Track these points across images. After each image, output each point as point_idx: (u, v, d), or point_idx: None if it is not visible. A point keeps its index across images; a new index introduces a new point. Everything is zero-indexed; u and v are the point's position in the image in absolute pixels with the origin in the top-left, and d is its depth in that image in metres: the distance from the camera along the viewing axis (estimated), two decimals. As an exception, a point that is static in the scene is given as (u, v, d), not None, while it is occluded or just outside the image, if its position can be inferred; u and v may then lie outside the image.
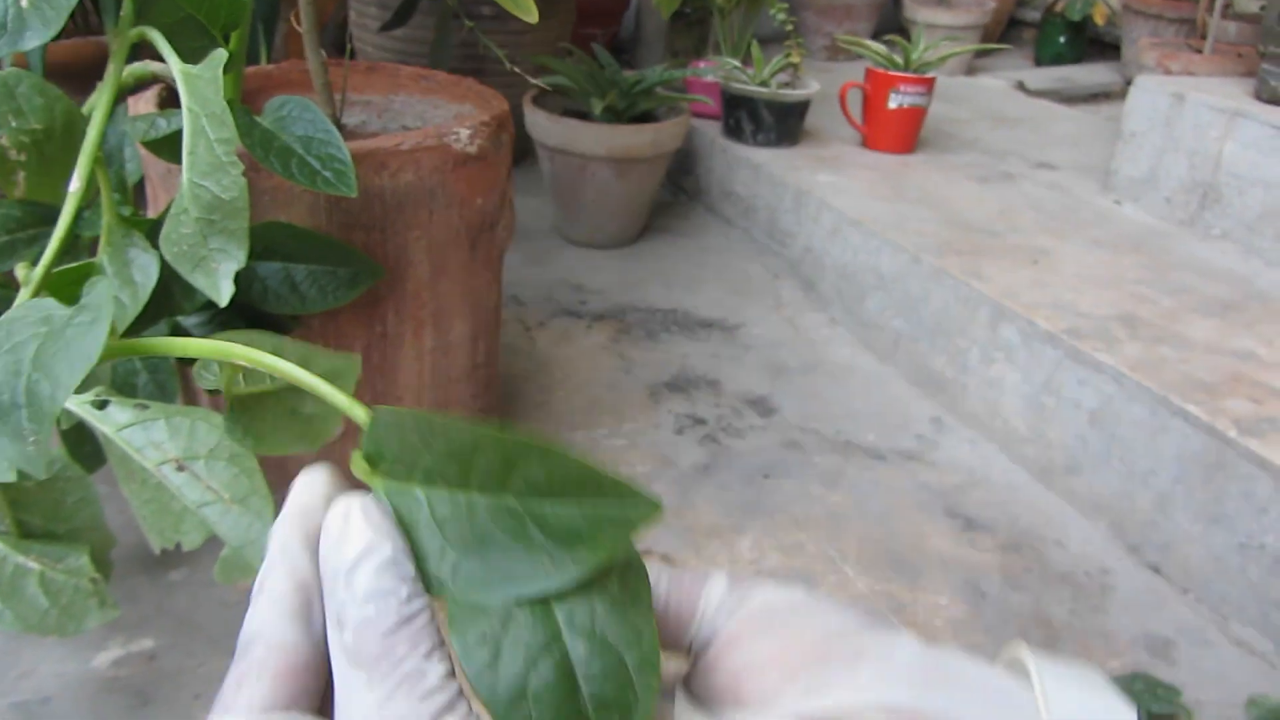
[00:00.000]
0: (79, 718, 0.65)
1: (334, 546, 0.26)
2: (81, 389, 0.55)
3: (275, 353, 0.29)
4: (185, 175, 0.53)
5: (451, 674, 0.24)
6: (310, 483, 0.29)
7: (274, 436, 0.53)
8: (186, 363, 0.70)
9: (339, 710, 0.24)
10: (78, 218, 0.74)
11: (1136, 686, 0.74)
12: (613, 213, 1.48)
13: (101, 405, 0.53)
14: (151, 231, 0.60)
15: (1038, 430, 1.02)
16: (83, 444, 0.70)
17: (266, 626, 0.26)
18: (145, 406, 0.53)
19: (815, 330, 1.31)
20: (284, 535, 0.28)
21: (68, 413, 0.56)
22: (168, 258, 0.55)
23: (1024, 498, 0.99)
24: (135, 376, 0.73)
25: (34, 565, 0.57)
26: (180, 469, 0.52)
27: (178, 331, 0.70)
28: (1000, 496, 0.99)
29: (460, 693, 0.24)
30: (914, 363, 1.19)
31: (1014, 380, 1.04)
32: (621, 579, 0.25)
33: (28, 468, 0.40)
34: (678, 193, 1.76)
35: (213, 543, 0.53)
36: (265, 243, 0.68)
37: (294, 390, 0.52)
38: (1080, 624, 0.83)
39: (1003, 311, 1.06)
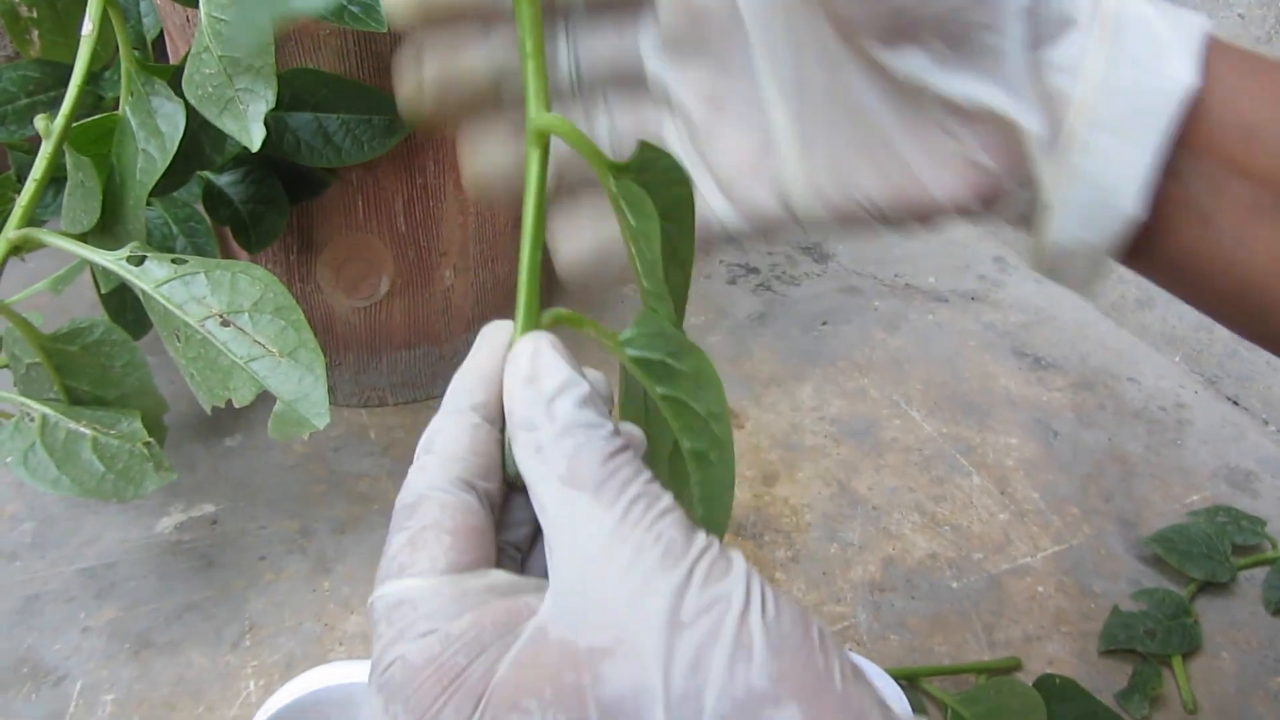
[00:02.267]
0: (146, 579, 0.65)
1: (526, 380, 0.26)
2: (114, 246, 0.53)
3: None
4: (203, 10, 0.50)
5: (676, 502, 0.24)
6: (490, 343, 0.29)
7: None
8: (222, 221, 0.68)
9: (555, 533, 0.24)
10: (98, 77, 0.71)
11: (1219, 519, 0.72)
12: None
13: (138, 261, 0.51)
14: (174, 79, 0.56)
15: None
16: (125, 310, 0.69)
17: (437, 489, 0.26)
18: (183, 261, 0.51)
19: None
20: (459, 393, 0.28)
21: (106, 273, 0.54)
22: (192, 101, 0.52)
23: (1094, 335, 0.95)
24: (172, 241, 0.71)
25: (86, 431, 0.56)
26: (225, 324, 0.50)
27: (211, 189, 0.67)
28: (1069, 335, 0.95)
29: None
30: (973, 202, 1.14)
31: (1082, 213, 0.99)
32: None
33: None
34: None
35: (265, 406, 0.52)
36: (294, 91, 0.65)
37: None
38: (1157, 459, 0.80)
39: (1070, 140, 1.00)
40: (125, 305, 0.70)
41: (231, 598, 0.64)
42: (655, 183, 0.28)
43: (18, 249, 0.55)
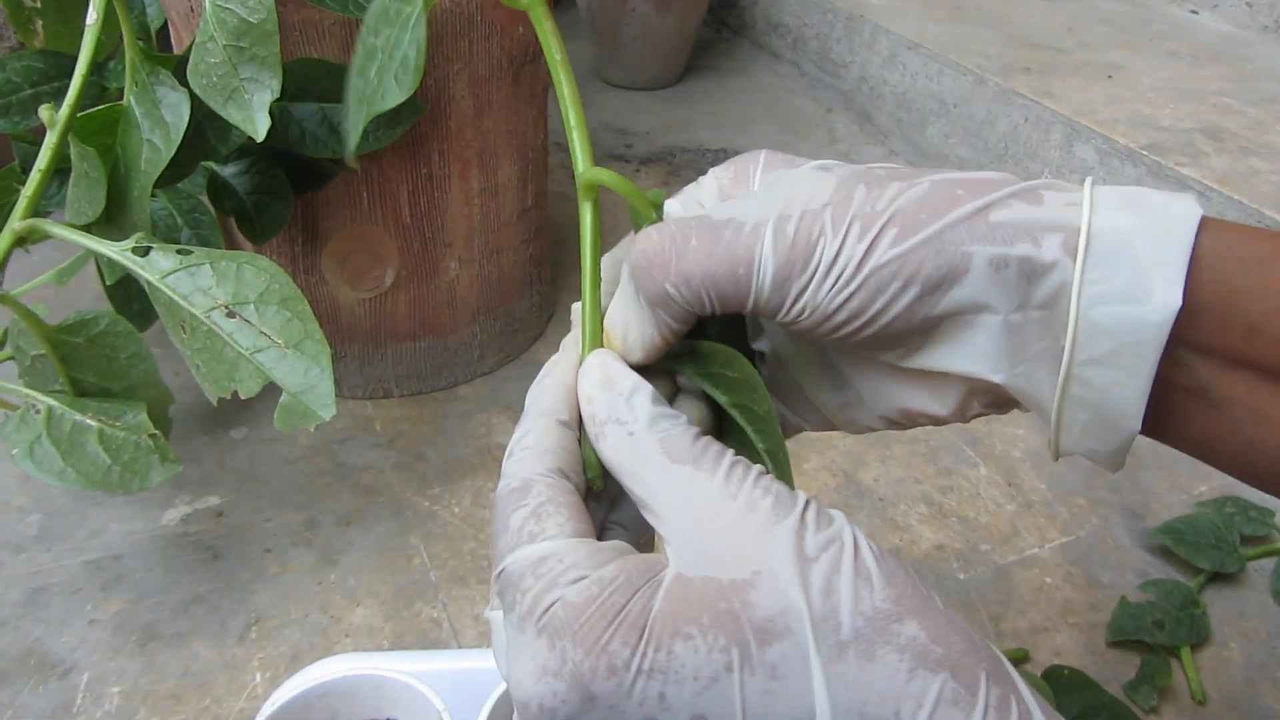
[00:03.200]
0: (152, 571, 0.65)
1: (603, 384, 0.30)
2: (119, 237, 0.53)
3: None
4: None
5: None
6: (560, 361, 0.33)
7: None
8: (227, 212, 0.68)
9: (665, 503, 0.27)
10: (102, 67, 0.70)
11: (1227, 509, 0.72)
12: (655, 51, 1.41)
13: (144, 252, 0.51)
14: (179, 69, 0.56)
15: (1115, 255, 0.97)
16: (130, 302, 0.68)
17: (540, 474, 0.29)
18: (188, 252, 0.51)
19: (873, 163, 1.25)
20: (539, 401, 0.31)
21: (112, 264, 0.54)
22: (197, 91, 0.52)
23: (1101, 325, 0.95)
24: (177, 232, 0.71)
25: (92, 423, 0.56)
26: (230, 315, 0.49)
27: (215, 180, 0.67)
28: (1076, 325, 0.95)
29: None
30: (979, 192, 1.14)
31: (1089, 203, 0.99)
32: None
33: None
34: (721, 28, 1.68)
35: (270, 398, 0.52)
36: (299, 81, 0.64)
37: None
38: (1164, 450, 0.79)
39: (1077, 130, 0.99)
40: (130, 296, 0.70)
41: (237, 590, 0.64)
42: None
43: (23, 240, 0.55)
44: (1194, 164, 0.90)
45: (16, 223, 0.54)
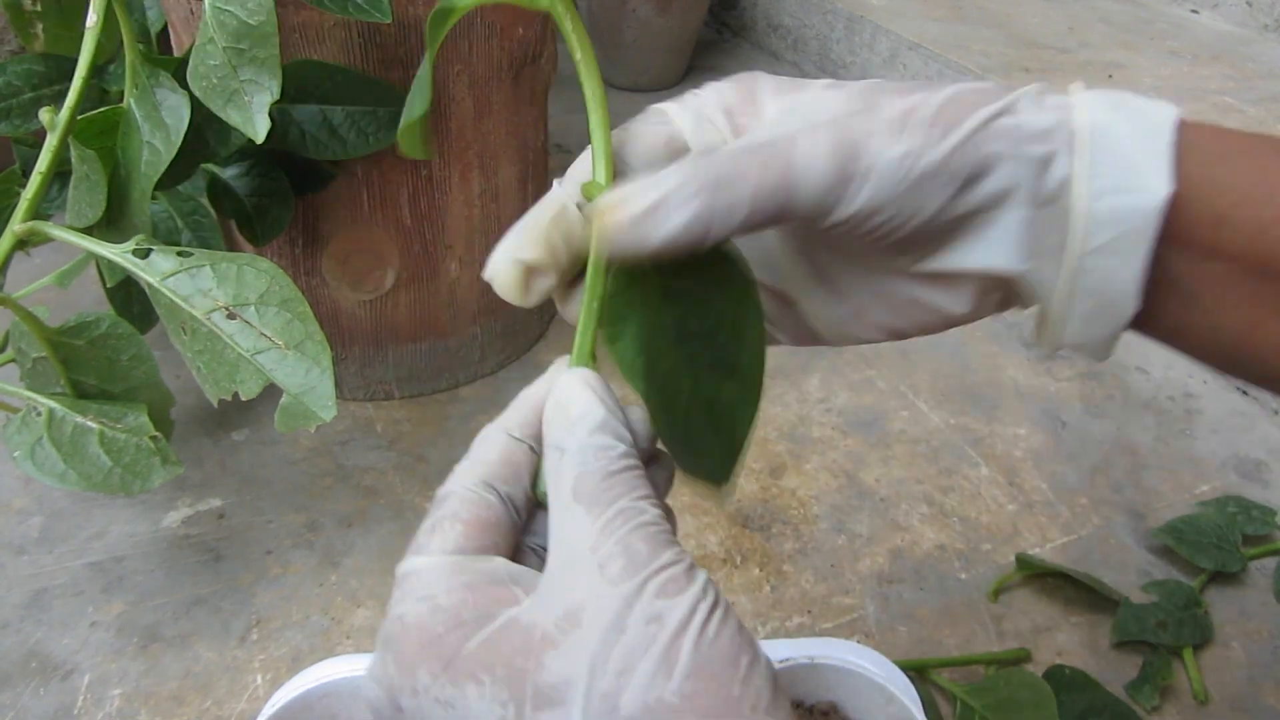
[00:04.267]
0: (153, 574, 0.65)
1: (558, 406, 0.30)
2: (119, 240, 0.53)
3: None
4: (207, 1, 0.49)
5: (664, 516, 0.28)
6: (548, 375, 0.33)
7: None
8: (227, 214, 0.68)
9: (555, 538, 0.28)
10: (103, 70, 0.70)
11: (1230, 509, 0.72)
12: (655, 52, 1.41)
13: (144, 254, 0.51)
14: (179, 72, 0.56)
15: (1116, 254, 0.97)
16: (131, 304, 0.68)
17: (463, 485, 0.30)
18: (189, 254, 0.51)
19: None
20: (507, 413, 0.32)
21: (112, 266, 0.54)
22: (197, 93, 0.52)
23: (1102, 325, 0.95)
24: (178, 235, 0.71)
25: (93, 425, 0.56)
26: (231, 316, 0.49)
27: (216, 182, 0.67)
28: (1077, 324, 0.95)
29: (670, 527, 0.28)
30: (980, 192, 1.14)
31: (1090, 203, 0.99)
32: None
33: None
34: (722, 30, 1.68)
35: (271, 399, 0.52)
36: (299, 83, 0.64)
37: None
38: (1166, 449, 0.80)
39: (1077, 130, 0.99)
40: (131, 299, 0.70)
41: (239, 591, 0.64)
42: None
43: (23, 243, 0.55)
44: (1195, 163, 0.90)
45: (17, 225, 0.54)
